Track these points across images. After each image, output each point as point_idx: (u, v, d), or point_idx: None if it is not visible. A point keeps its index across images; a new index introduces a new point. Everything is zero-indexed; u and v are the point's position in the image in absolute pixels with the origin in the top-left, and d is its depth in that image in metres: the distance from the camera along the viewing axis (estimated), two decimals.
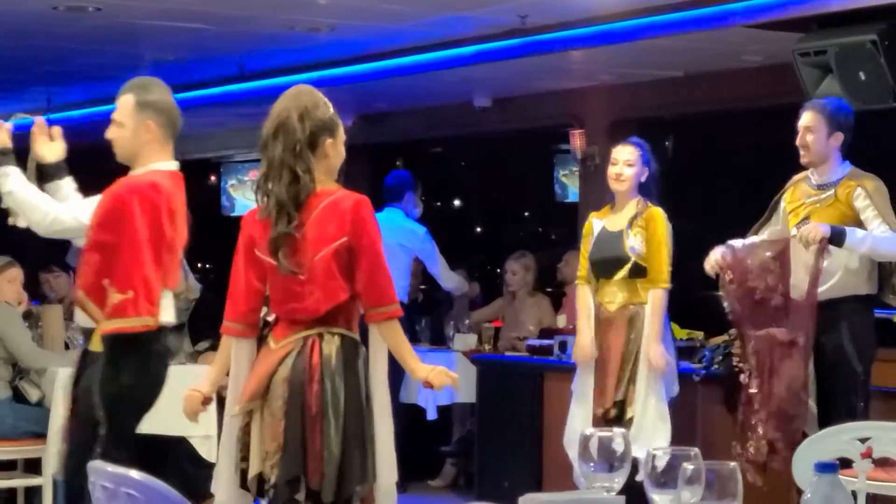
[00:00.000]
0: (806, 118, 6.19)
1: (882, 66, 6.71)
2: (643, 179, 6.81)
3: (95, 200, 5.31)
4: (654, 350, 6.61)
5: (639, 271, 6.72)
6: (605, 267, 6.80)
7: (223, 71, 9.96)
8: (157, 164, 5.31)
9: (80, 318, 5.40)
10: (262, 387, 4.63)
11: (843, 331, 6.11)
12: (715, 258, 6.25)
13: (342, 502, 4.64)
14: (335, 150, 4.73)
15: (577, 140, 10.23)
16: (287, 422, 4.56)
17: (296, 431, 4.56)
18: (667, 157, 7.24)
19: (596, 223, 6.89)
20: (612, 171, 6.86)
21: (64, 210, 5.39)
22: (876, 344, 6.22)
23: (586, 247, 6.90)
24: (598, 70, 9.46)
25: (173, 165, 5.38)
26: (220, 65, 9.78)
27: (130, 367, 5.21)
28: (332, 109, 4.76)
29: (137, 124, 5.27)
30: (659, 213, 6.75)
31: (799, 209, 6.27)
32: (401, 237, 8.90)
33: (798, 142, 6.20)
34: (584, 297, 6.89)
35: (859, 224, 6.07)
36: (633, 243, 6.70)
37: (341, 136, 4.78)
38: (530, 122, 10.81)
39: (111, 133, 5.33)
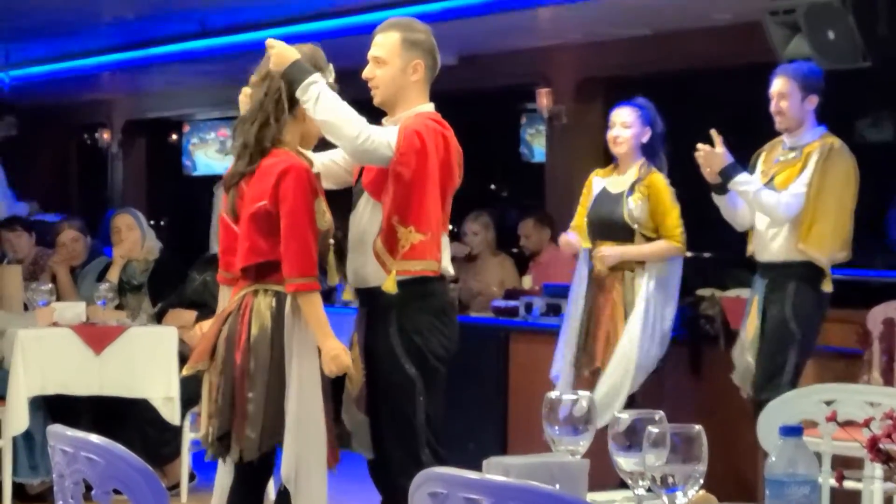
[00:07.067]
0: (778, 84, 6.14)
1: (850, 25, 6.66)
2: (644, 140, 6.63)
3: (394, 130, 4.72)
4: (604, 251, 6.51)
5: (634, 238, 6.56)
6: (601, 229, 6.64)
7: (184, 28, 9.84)
8: (422, 107, 4.85)
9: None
10: (209, 347, 4.70)
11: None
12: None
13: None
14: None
15: (543, 99, 10.17)
16: (221, 381, 4.64)
17: (227, 390, 4.62)
18: None
19: (597, 182, 6.69)
20: (609, 134, 6.65)
21: (378, 132, 4.69)
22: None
23: (585, 204, 6.73)
24: (565, 29, 9.39)
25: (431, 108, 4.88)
26: (181, 21, 9.65)
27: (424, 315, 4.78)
28: (332, 78, 4.76)
29: (405, 63, 4.83)
30: (659, 179, 6.55)
31: (768, 171, 6.23)
32: None
33: (772, 109, 6.14)
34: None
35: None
36: (632, 208, 6.51)
37: None
38: (497, 81, 10.73)
39: (369, 73, 4.87)
